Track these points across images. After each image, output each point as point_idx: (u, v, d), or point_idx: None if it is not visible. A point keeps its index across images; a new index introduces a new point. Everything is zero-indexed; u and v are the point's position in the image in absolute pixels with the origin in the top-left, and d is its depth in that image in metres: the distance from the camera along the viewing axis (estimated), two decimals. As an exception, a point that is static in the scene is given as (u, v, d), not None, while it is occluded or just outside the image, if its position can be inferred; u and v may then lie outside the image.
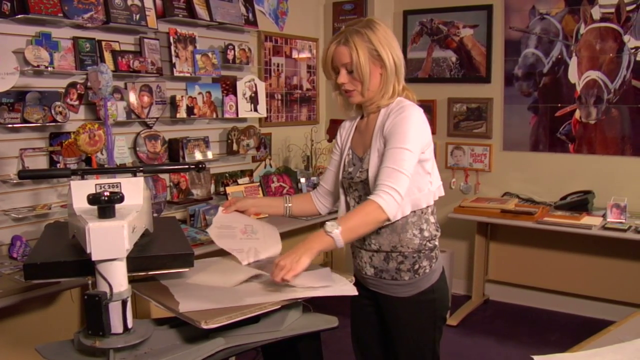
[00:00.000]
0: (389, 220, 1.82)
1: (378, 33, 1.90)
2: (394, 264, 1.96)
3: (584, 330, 3.80)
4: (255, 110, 3.97)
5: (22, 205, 2.84)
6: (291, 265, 1.67)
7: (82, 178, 1.73)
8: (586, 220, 3.76)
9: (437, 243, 2.03)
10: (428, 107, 4.71)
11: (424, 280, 1.98)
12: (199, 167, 2.01)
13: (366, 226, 1.82)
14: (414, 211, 1.94)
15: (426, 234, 1.97)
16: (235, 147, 3.86)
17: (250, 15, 3.97)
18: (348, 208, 2.06)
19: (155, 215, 3.16)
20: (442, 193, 2.05)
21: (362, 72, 1.88)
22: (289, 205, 2.18)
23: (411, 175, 1.83)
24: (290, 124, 4.52)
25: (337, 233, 1.74)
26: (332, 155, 2.18)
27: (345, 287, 1.78)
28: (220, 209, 2.12)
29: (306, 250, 1.71)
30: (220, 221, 2.06)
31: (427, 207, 1.98)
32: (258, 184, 3.96)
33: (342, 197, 2.08)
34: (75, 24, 2.97)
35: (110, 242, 1.41)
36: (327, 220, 1.77)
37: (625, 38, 3.91)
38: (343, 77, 1.92)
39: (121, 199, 1.47)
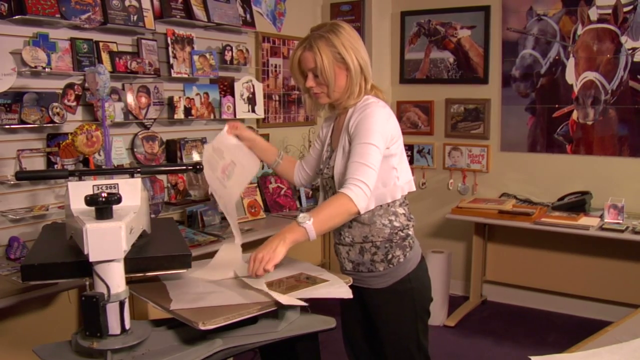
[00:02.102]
0: (359, 213, 1.87)
1: (341, 37, 1.96)
2: (368, 255, 2.03)
3: (581, 330, 3.80)
4: (253, 111, 3.96)
5: (20, 206, 2.84)
6: (269, 255, 1.72)
7: (80, 179, 1.73)
8: (584, 220, 3.77)
9: (410, 232, 2.07)
10: (426, 108, 4.72)
11: (399, 270, 2.02)
12: (197, 168, 2.01)
13: (337, 217, 1.86)
14: (380, 205, 2.00)
15: (396, 224, 2.02)
16: (233, 148, 3.85)
17: (248, 16, 3.97)
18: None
19: (152, 216, 3.16)
20: (413, 188, 2.09)
21: (326, 76, 1.96)
22: (279, 160, 2.31)
23: (378, 169, 1.89)
24: (287, 124, 4.52)
25: (309, 224, 1.78)
26: (314, 142, 2.29)
27: (341, 290, 1.79)
28: (226, 127, 2.19)
29: (280, 240, 1.76)
30: (219, 143, 2.18)
31: (394, 201, 2.02)
32: (255, 184, 3.96)
33: (322, 194, 2.17)
34: (73, 24, 2.97)
35: (108, 243, 1.41)
36: (300, 215, 1.83)
37: (623, 39, 3.92)
38: (310, 81, 2.01)
39: (119, 200, 1.47)
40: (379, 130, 1.91)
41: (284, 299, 1.65)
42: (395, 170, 2.00)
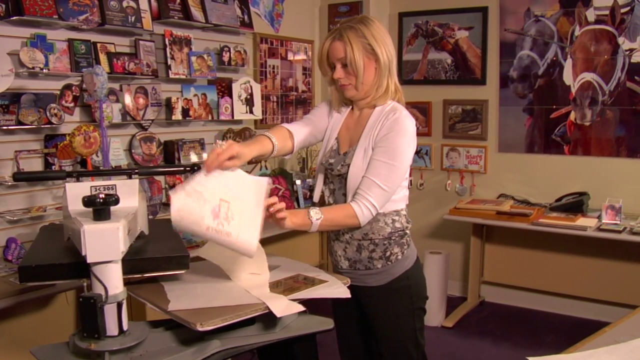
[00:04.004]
0: (359, 226, 1.98)
1: (372, 28, 1.95)
2: (366, 253, 2.03)
3: (579, 331, 3.80)
4: (251, 112, 3.97)
5: (17, 207, 2.83)
6: (275, 220, 1.79)
7: (77, 180, 1.73)
8: (581, 221, 3.78)
9: (407, 232, 2.09)
10: (423, 109, 4.72)
11: (397, 267, 2.04)
12: (195, 169, 2.01)
13: (339, 227, 2.00)
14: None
15: (397, 225, 2.04)
16: (230, 149, 3.85)
17: (246, 17, 3.97)
18: (322, 197, 2.14)
19: (150, 217, 3.15)
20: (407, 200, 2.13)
21: (356, 66, 1.94)
22: (276, 146, 1.99)
23: (394, 189, 1.94)
24: (286, 125, 4.52)
25: (317, 224, 1.87)
26: (314, 112, 2.17)
27: (338, 290, 1.79)
28: (202, 171, 1.70)
29: (288, 220, 1.82)
30: (193, 187, 1.66)
31: (401, 209, 2.05)
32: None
33: (320, 183, 2.15)
34: (71, 25, 2.97)
35: (106, 244, 1.41)
36: (312, 208, 1.89)
37: (620, 40, 3.92)
38: (339, 72, 1.98)
39: (116, 201, 1.47)
40: (407, 151, 1.94)
41: (281, 309, 1.63)
42: (406, 180, 2.03)
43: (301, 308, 1.67)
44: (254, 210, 1.70)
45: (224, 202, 1.68)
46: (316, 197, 2.16)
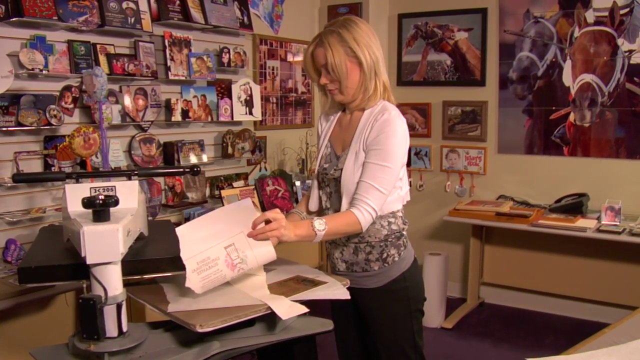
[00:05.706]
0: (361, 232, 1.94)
1: (353, 32, 1.93)
2: (362, 255, 2.03)
3: (578, 332, 3.81)
4: (250, 113, 3.97)
5: (17, 208, 2.83)
6: (279, 233, 1.73)
7: (77, 181, 1.73)
8: (581, 222, 3.78)
9: (404, 233, 2.08)
10: (423, 110, 4.72)
11: (394, 269, 2.03)
12: (194, 170, 2.01)
13: (343, 235, 1.96)
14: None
15: (394, 227, 2.03)
16: (230, 150, 3.86)
17: (245, 18, 3.97)
18: (320, 202, 2.13)
19: (150, 218, 3.15)
20: (409, 198, 2.11)
21: (338, 72, 1.93)
22: (303, 214, 2.19)
23: (390, 191, 1.93)
24: (285, 127, 4.52)
25: (322, 235, 1.83)
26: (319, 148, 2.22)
27: (338, 291, 1.79)
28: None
29: (291, 231, 1.77)
30: (195, 261, 1.67)
31: (397, 211, 2.04)
32: (253, 187, 3.96)
33: (316, 190, 2.14)
34: (70, 27, 2.97)
35: (105, 245, 1.41)
36: (316, 218, 1.85)
37: (619, 41, 3.93)
38: (323, 78, 1.99)
39: (116, 202, 1.47)
40: (399, 152, 1.94)
41: (284, 310, 1.63)
42: (400, 181, 2.02)
43: (305, 310, 1.67)
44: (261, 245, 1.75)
45: (230, 247, 1.72)
46: (312, 206, 2.15)
